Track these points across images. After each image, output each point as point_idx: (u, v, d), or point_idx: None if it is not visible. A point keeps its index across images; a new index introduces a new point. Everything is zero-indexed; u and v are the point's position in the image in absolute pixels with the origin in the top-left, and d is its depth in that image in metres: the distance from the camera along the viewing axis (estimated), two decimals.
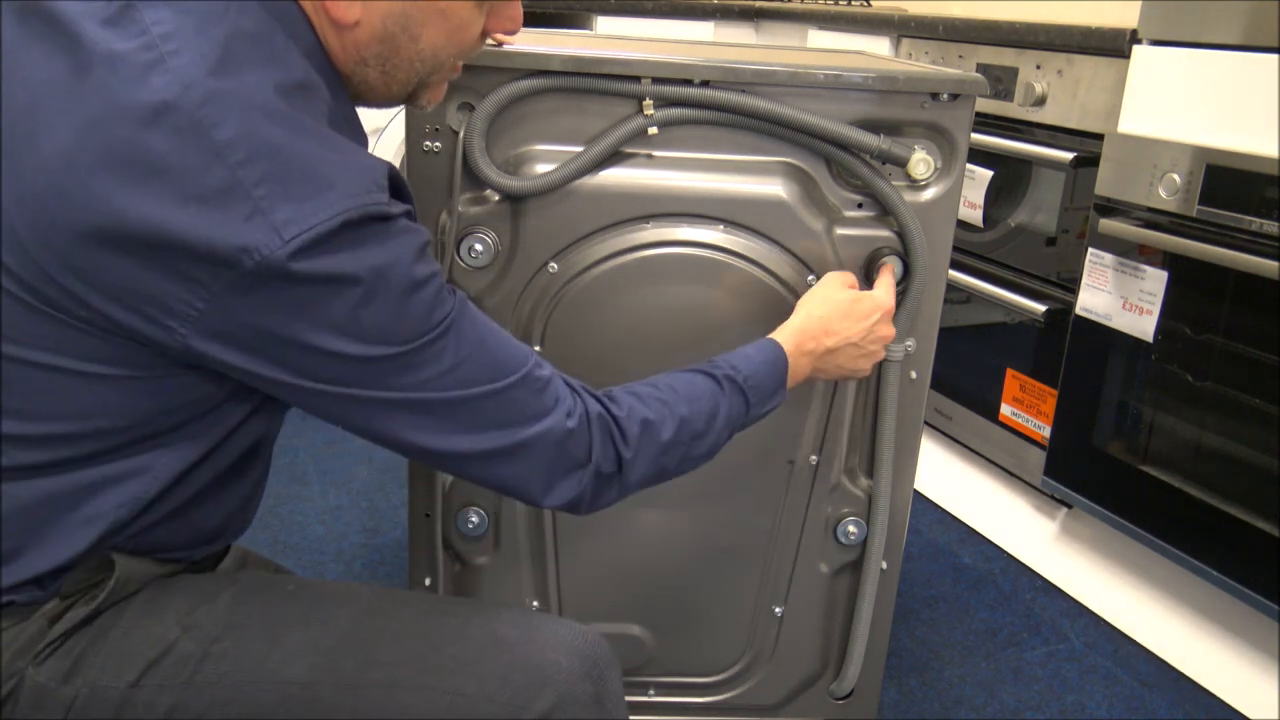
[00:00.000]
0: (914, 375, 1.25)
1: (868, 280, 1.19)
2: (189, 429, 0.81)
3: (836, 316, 1.08)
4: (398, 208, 0.76)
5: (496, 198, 1.15)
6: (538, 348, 1.19)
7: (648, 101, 1.11)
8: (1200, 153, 1.52)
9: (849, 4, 2.84)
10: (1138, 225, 1.62)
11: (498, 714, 0.81)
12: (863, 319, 1.09)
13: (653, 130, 1.13)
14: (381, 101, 0.87)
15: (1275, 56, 1.45)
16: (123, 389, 0.76)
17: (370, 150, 0.80)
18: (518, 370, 0.83)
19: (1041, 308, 1.85)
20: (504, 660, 0.83)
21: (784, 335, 1.06)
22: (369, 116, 0.89)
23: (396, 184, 0.78)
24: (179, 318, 0.72)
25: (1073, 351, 1.78)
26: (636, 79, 1.11)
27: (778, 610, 1.34)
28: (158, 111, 0.68)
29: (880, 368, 1.23)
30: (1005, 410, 1.97)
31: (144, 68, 0.69)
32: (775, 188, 1.16)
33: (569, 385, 0.89)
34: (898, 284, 1.19)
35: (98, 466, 0.78)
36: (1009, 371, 1.96)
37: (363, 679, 0.82)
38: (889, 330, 1.12)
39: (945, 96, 1.15)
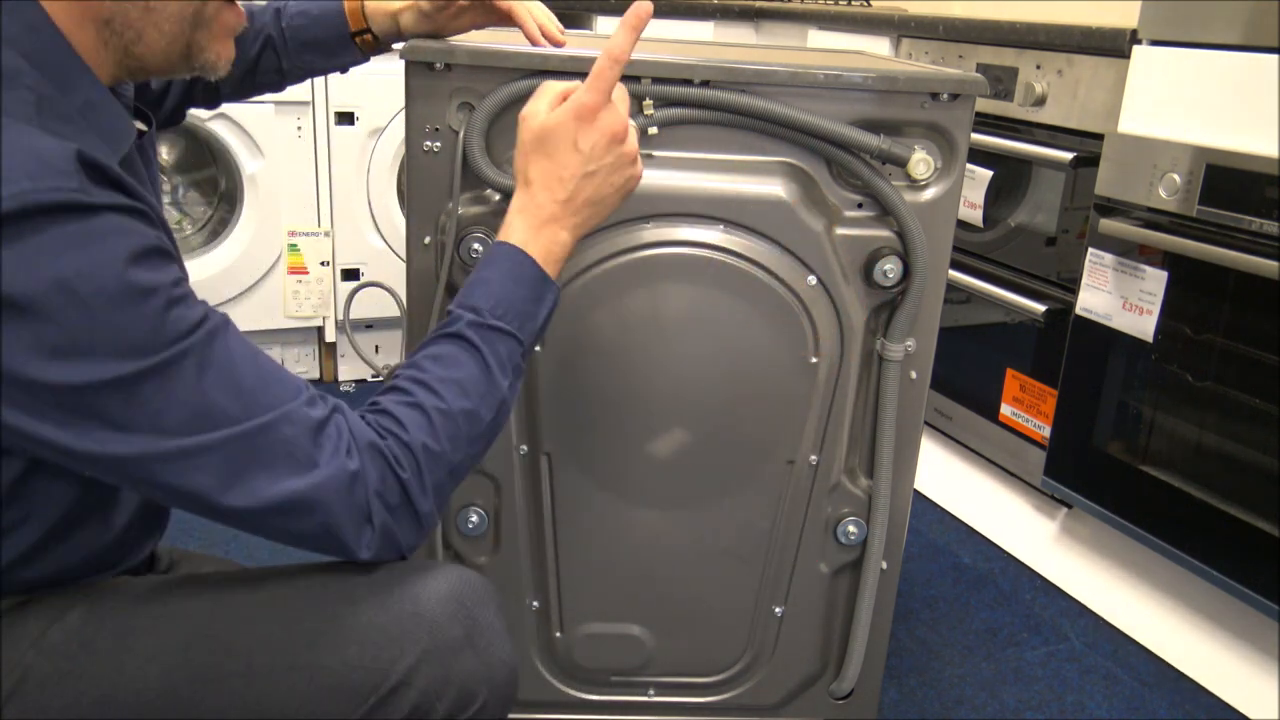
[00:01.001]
0: (914, 375, 1.25)
1: (866, 280, 1.19)
2: None
3: (544, 161, 0.89)
4: (99, 199, 0.65)
5: (496, 198, 1.15)
6: (538, 348, 1.19)
7: (648, 101, 1.11)
8: (1200, 153, 1.52)
9: (849, 4, 2.84)
10: (1138, 225, 1.62)
11: (362, 680, 0.78)
12: (565, 144, 0.89)
13: (653, 130, 1.13)
14: (160, 66, 0.80)
15: (1275, 56, 1.45)
16: None
17: (370, 150, 0.77)
18: (278, 406, 0.74)
19: (1041, 308, 1.85)
20: (361, 622, 0.80)
21: (509, 228, 0.90)
22: (369, 116, 0.87)
23: (104, 173, 0.67)
24: None
25: (1073, 351, 1.78)
26: (636, 79, 1.11)
27: (778, 610, 1.34)
28: None
29: (880, 368, 1.23)
30: (1005, 410, 1.97)
31: None
32: (775, 188, 1.16)
33: (341, 424, 0.79)
34: (898, 284, 1.19)
35: None
36: (1009, 371, 1.96)
37: (219, 672, 0.79)
38: (602, 127, 0.89)
39: (945, 96, 1.15)
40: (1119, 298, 1.67)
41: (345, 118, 2.31)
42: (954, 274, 1.98)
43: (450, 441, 0.83)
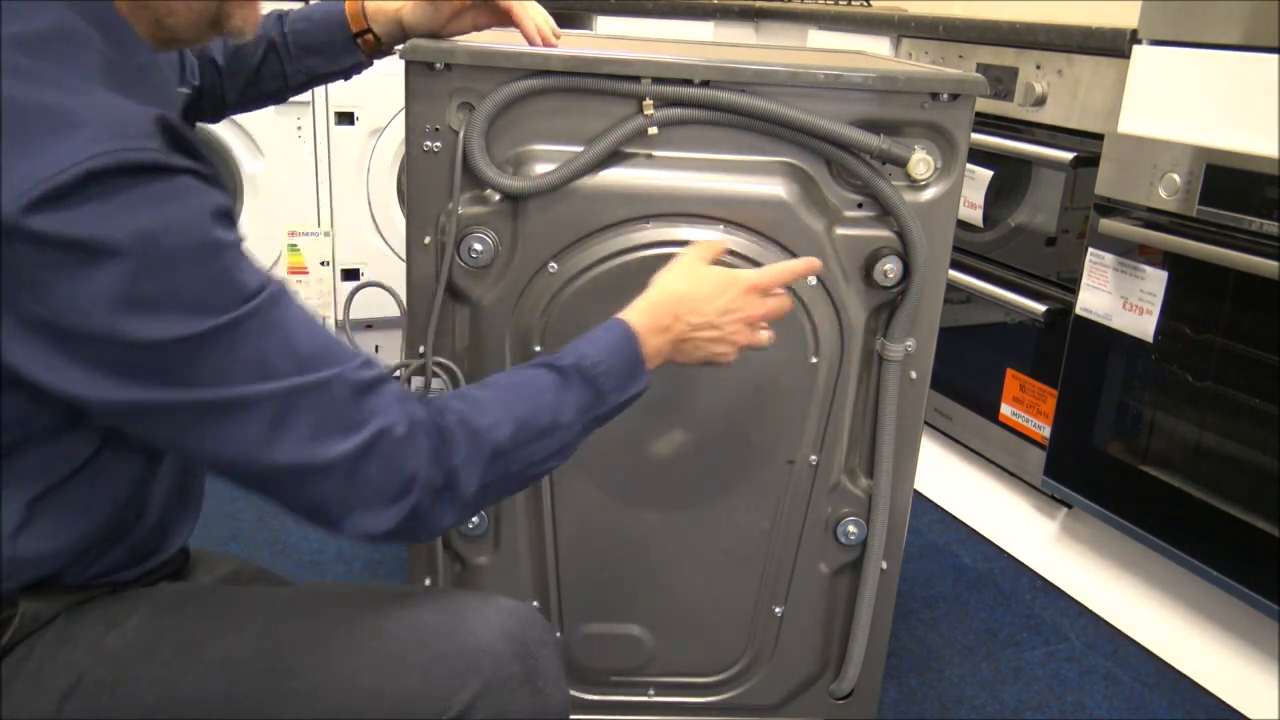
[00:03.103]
0: (914, 375, 1.25)
1: (866, 280, 1.19)
2: (24, 455, 0.75)
3: (694, 290, 0.97)
4: (178, 161, 0.68)
5: (496, 198, 1.15)
6: (538, 348, 1.19)
7: (648, 101, 1.11)
8: (1200, 153, 1.52)
9: (849, 4, 2.84)
10: (1138, 225, 1.62)
11: (422, 709, 0.78)
12: (719, 294, 0.98)
13: (653, 130, 1.13)
14: (190, 36, 0.81)
15: (1275, 56, 1.44)
16: None
17: (370, 150, 0.77)
18: (334, 366, 0.75)
19: (1041, 308, 1.85)
20: (426, 651, 0.80)
21: (634, 313, 0.96)
22: (369, 116, 0.88)
23: (180, 138, 0.70)
24: None
25: (1073, 351, 1.78)
26: (636, 79, 1.11)
27: (778, 610, 1.34)
28: None
29: (880, 368, 1.23)
30: (1005, 410, 1.97)
31: None
32: (775, 188, 1.16)
33: (396, 394, 0.80)
34: (898, 284, 1.19)
35: None
36: (1009, 371, 1.96)
37: (281, 689, 0.79)
38: (751, 307, 1.00)
39: (945, 96, 1.15)
40: (1119, 298, 1.67)
41: (345, 118, 2.31)
42: (954, 274, 1.98)
43: (518, 446, 0.84)
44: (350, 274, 2.47)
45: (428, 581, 1.30)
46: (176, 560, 0.94)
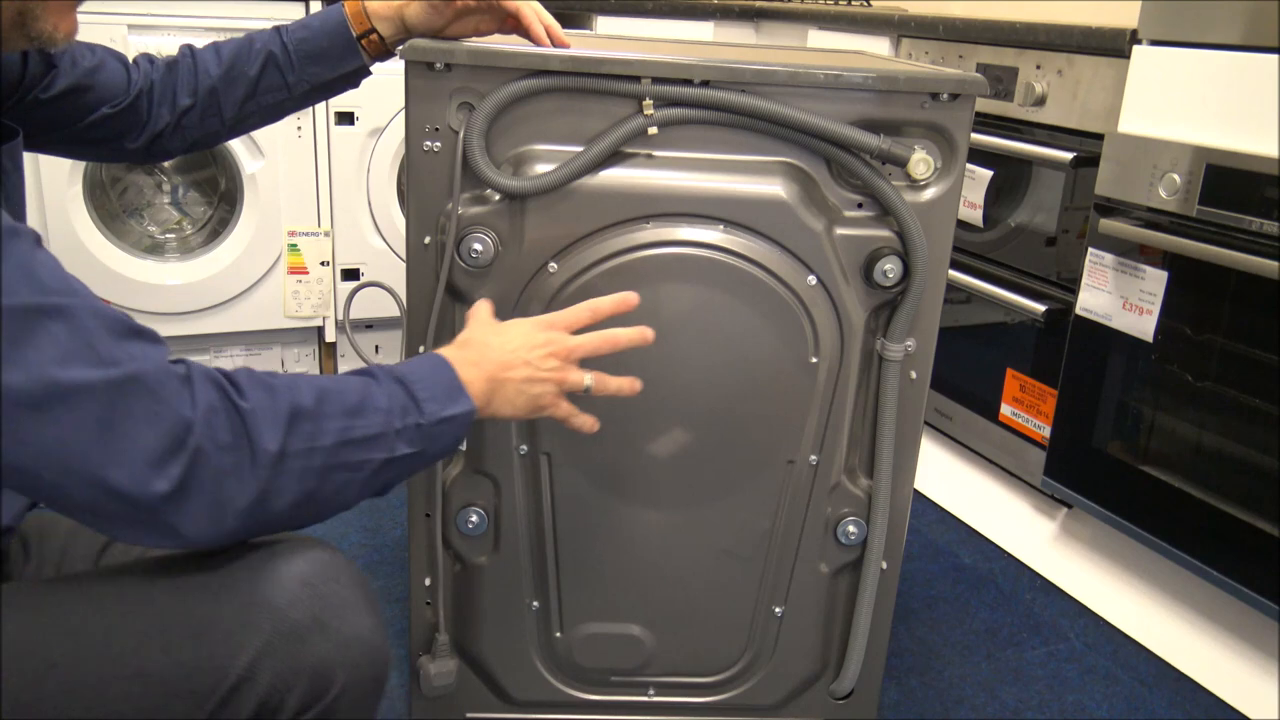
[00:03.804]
0: (914, 375, 1.25)
1: (866, 280, 1.19)
2: None
3: (500, 332, 0.97)
4: None
5: (496, 198, 1.15)
6: None
7: (648, 101, 1.11)
8: (1200, 153, 1.52)
9: (849, 4, 2.84)
10: (1138, 225, 1.62)
11: (200, 682, 0.73)
12: (524, 334, 0.97)
13: (653, 130, 1.13)
14: None
15: (1275, 56, 1.44)
16: None
17: (370, 150, 0.76)
18: (81, 298, 0.68)
19: (1041, 308, 1.85)
20: (195, 618, 0.75)
21: (442, 350, 0.94)
22: (369, 116, 0.87)
23: None
24: None
25: (1073, 351, 1.78)
26: (636, 79, 1.11)
27: (778, 610, 1.34)
28: None
29: (880, 368, 1.23)
30: (1005, 410, 1.97)
31: None
32: (775, 188, 1.16)
33: (167, 352, 0.73)
34: (898, 284, 1.19)
35: None
36: (1009, 371, 1.96)
37: (44, 690, 0.73)
38: (560, 340, 0.98)
39: (945, 96, 1.15)
40: (1119, 298, 1.67)
41: (345, 118, 2.31)
42: (954, 274, 1.98)
43: (323, 416, 0.77)
44: (350, 274, 2.47)
45: (427, 581, 1.30)
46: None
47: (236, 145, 2.28)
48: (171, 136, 1.19)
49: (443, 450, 0.88)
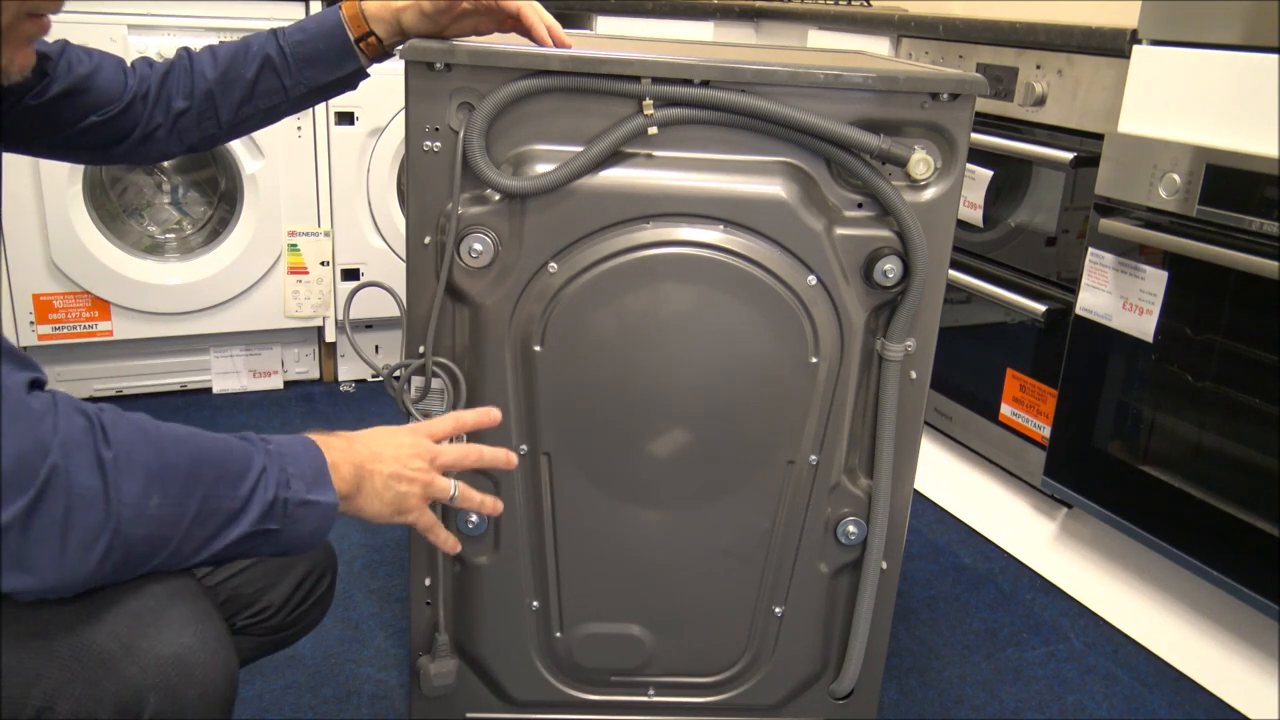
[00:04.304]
0: (914, 375, 1.25)
1: (867, 280, 1.19)
2: None
3: (366, 433, 0.96)
4: None
5: (496, 197, 1.15)
6: (538, 348, 1.19)
7: (648, 101, 1.11)
8: (1200, 153, 1.52)
9: (849, 4, 2.84)
10: (1138, 225, 1.62)
11: None
12: (390, 435, 0.97)
13: (653, 130, 1.13)
14: None
15: (1275, 56, 1.45)
16: None
17: (370, 150, 0.75)
18: None
19: (1041, 308, 1.85)
20: (3, 651, 0.70)
21: (310, 433, 0.92)
22: (369, 116, 0.87)
23: None
24: None
25: (1073, 351, 1.78)
26: (636, 79, 1.11)
27: (778, 610, 1.34)
28: None
29: (880, 368, 1.23)
30: (1005, 410, 1.97)
31: None
32: (775, 188, 1.16)
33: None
34: (898, 284, 1.19)
35: None
36: (1009, 371, 1.96)
37: None
38: (425, 445, 0.98)
39: (945, 96, 1.15)
40: (1119, 298, 1.67)
41: (345, 118, 2.31)
42: (954, 274, 1.98)
43: (176, 441, 0.76)
44: (350, 274, 2.47)
45: (427, 581, 1.30)
46: None
47: (237, 145, 2.28)
48: (167, 140, 1.19)
49: (300, 536, 0.86)
